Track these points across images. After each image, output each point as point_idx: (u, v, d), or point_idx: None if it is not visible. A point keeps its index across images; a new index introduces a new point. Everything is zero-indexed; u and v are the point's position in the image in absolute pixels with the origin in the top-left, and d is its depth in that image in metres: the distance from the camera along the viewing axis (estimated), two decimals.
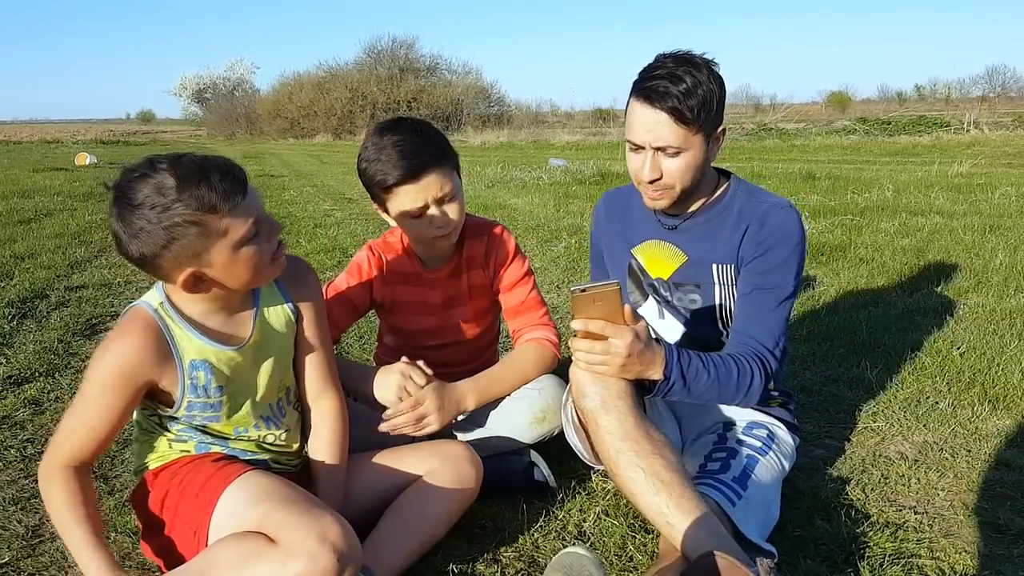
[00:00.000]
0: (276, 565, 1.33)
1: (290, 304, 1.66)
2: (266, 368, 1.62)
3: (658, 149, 1.77)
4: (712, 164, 1.92)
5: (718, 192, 1.93)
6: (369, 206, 1.99)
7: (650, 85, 1.74)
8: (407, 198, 1.88)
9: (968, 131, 19.53)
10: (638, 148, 1.81)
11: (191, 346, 1.50)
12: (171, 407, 1.54)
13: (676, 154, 1.77)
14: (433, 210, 1.90)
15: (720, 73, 1.79)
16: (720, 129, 1.81)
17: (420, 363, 1.88)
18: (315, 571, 1.32)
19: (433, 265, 2.12)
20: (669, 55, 1.79)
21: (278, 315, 1.64)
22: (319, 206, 8.66)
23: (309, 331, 1.71)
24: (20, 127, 60.72)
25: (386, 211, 1.97)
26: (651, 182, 1.81)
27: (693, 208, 1.93)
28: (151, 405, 1.56)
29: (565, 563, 1.43)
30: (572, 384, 1.73)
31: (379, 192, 1.91)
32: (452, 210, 1.94)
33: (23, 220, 7.30)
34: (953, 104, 43.85)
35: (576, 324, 1.61)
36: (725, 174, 1.97)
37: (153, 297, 1.52)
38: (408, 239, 2.11)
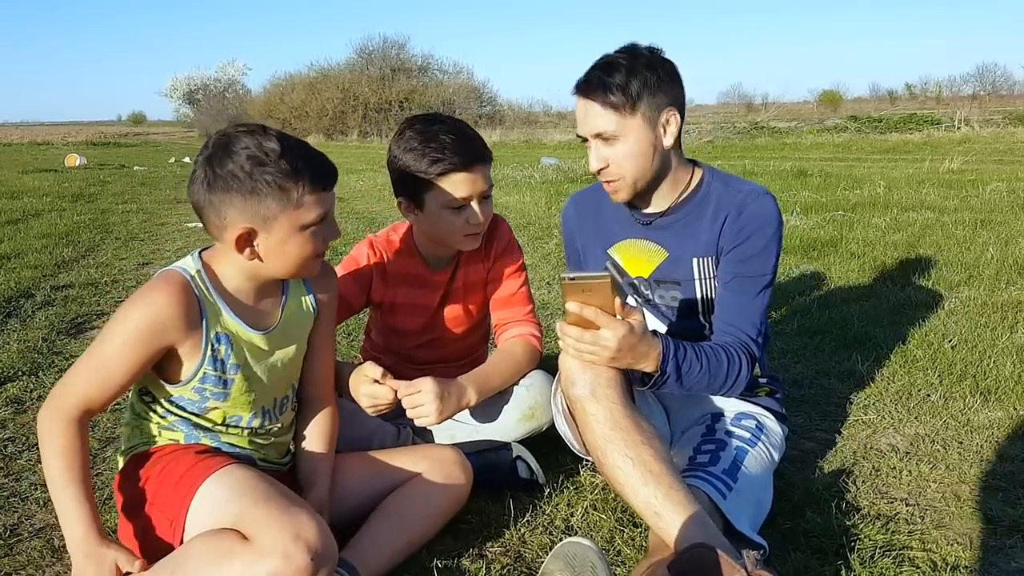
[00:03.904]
0: (249, 564, 1.30)
1: (312, 298, 1.68)
2: (283, 358, 1.62)
3: (597, 137, 1.80)
4: (682, 156, 1.90)
5: (693, 185, 1.91)
6: (359, 204, 1.95)
7: (580, 78, 1.80)
8: (454, 188, 1.85)
9: (959, 129, 19.58)
10: (585, 142, 1.84)
11: (219, 318, 1.51)
12: (177, 383, 1.52)
13: (614, 141, 1.78)
14: (474, 205, 1.89)
15: (668, 60, 1.81)
16: (668, 114, 1.78)
17: (370, 367, 1.83)
18: (289, 570, 1.29)
19: (438, 267, 2.08)
20: (615, 50, 1.81)
21: (301, 306, 1.67)
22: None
23: (323, 329, 1.73)
24: (10, 129, 60.39)
25: (418, 204, 1.90)
26: (599, 173, 1.83)
27: (670, 203, 1.90)
28: (154, 386, 1.54)
29: (567, 553, 1.41)
30: (561, 372, 1.70)
31: (422, 181, 1.85)
32: (488, 208, 1.93)
33: (10, 220, 7.25)
34: (944, 102, 44.02)
35: (571, 306, 1.56)
36: (698, 165, 1.94)
37: (189, 265, 1.53)
38: (417, 239, 2.05)
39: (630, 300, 2.00)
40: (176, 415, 1.56)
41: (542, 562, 1.66)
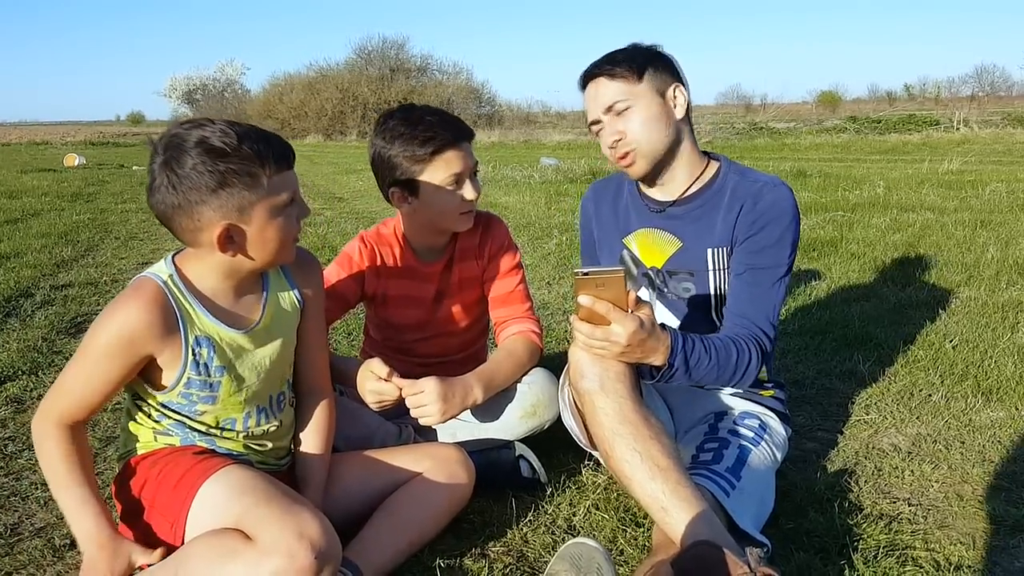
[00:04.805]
0: (252, 563, 1.29)
1: (296, 291, 1.66)
2: (270, 355, 1.60)
3: (609, 111, 1.86)
4: (696, 143, 1.94)
5: (709, 174, 1.92)
6: (359, 204, 1.95)
7: (584, 70, 1.90)
8: (448, 165, 1.88)
9: (958, 129, 19.61)
10: (598, 126, 1.90)
11: (197, 322, 1.49)
12: (162, 389, 1.50)
13: (626, 110, 1.84)
14: (466, 182, 1.92)
15: (666, 53, 1.90)
16: (675, 88, 1.86)
17: (376, 364, 1.82)
18: (293, 569, 1.28)
19: (428, 258, 2.08)
20: None
21: (285, 301, 1.64)
22: (308, 205, 8.59)
23: (311, 322, 1.71)
24: (9, 129, 60.18)
25: (412, 191, 1.92)
26: (614, 146, 1.87)
27: (685, 191, 1.91)
28: (142, 391, 1.52)
29: (573, 553, 1.40)
30: (570, 365, 1.68)
31: (412, 165, 1.88)
32: (478, 184, 1.97)
33: (10, 220, 7.24)
34: (942, 103, 44.10)
35: (583, 300, 1.54)
36: (715, 157, 1.97)
37: (162, 270, 1.49)
38: (407, 229, 2.06)
39: (641, 293, 2.00)
40: (171, 418, 1.54)
41: (545, 561, 1.66)
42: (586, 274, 1.54)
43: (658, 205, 1.94)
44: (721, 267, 1.89)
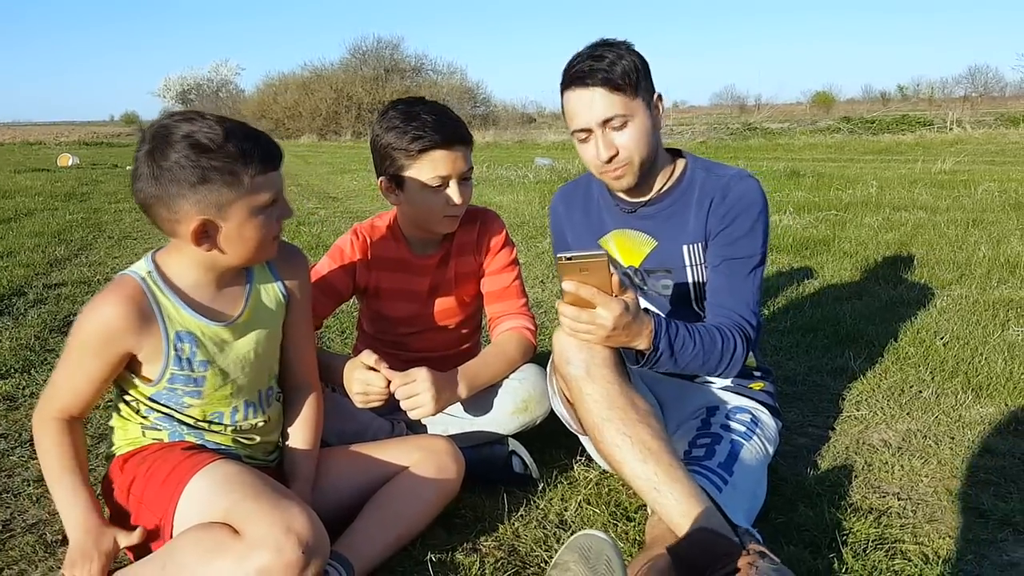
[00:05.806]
0: (239, 558, 1.30)
1: (280, 284, 1.66)
2: (254, 348, 1.60)
3: (605, 124, 1.79)
4: (665, 145, 1.94)
5: (677, 173, 1.94)
6: (352, 203, 1.95)
7: (575, 71, 1.79)
8: (434, 165, 1.87)
9: (951, 130, 19.66)
10: (586, 134, 1.83)
11: (177, 317, 1.49)
12: (149, 382, 1.51)
13: (624, 124, 1.79)
14: (452, 185, 1.91)
15: (637, 50, 1.85)
16: (656, 96, 1.85)
17: (365, 353, 1.83)
18: (280, 563, 1.29)
19: (422, 251, 2.08)
20: (585, 47, 1.84)
21: (269, 294, 1.64)
22: (303, 205, 8.61)
23: (297, 316, 1.71)
24: (3, 129, 60.04)
25: (399, 183, 1.93)
26: (609, 161, 1.82)
27: (655, 191, 1.93)
28: (129, 384, 1.53)
29: (583, 545, 1.40)
30: (556, 350, 1.69)
31: (402, 158, 1.88)
32: (467, 190, 1.95)
33: (3, 219, 7.22)
34: (936, 104, 44.24)
35: (567, 285, 1.55)
36: (680, 154, 1.98)
37: (141, 267, 1.51)
38: (401, 222, 2.07)
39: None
40: (159, 412, 1.55)
41: (536, 556, 1.67)
42: (570, 259, 1.54)
43: (629, 205, 1.96)
44: (698, 262, 1.90)
